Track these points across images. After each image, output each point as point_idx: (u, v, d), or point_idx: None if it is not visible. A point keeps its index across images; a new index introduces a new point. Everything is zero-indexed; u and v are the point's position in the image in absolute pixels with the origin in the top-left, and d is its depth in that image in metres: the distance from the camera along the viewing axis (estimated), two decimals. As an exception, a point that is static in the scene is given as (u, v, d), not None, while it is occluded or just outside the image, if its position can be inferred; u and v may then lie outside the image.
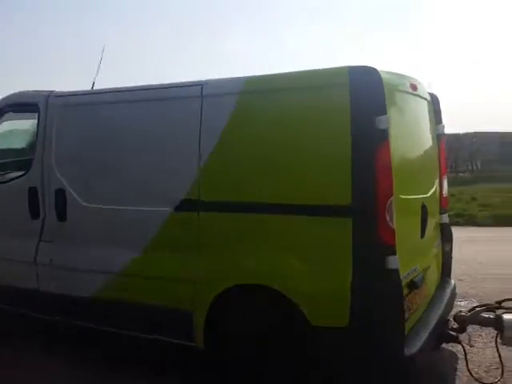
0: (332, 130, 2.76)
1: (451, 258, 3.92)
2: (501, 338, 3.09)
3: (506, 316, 3.07)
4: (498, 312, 3.14)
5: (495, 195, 10.91)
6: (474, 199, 10.76)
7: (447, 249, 3.86)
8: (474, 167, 36.36)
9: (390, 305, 2.61)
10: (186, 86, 3.29)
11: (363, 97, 2.68)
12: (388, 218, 2.59)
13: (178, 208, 3.15)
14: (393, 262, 2.60)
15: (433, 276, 3.55)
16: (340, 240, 2.69)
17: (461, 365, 3.45)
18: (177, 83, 3.36)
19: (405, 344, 2.65)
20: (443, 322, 3.23)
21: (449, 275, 3.90)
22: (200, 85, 3.17)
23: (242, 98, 3.04)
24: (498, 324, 3.09)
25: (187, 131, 3.16)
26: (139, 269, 3.27)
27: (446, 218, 3.88)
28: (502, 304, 3.17)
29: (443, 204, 3.85)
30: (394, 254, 2.61)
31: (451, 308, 3.54)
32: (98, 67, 4.30)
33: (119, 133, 3.49)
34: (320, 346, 2.71)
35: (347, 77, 2.72)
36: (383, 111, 2.64)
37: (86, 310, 3.52)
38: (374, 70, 2.71)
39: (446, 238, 3.85)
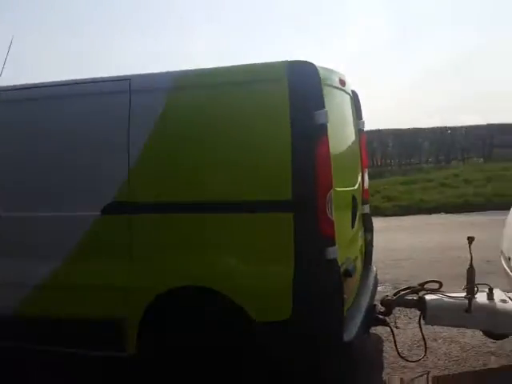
0: (271, 124, 2.77)
1: (372, 246, 4.16)
2: (423, 318, 3.34)
3: (428, 297, 3.33)
4: (421, 294, 3.39)
5: (397, 187, 11.81)
6: (377, 192, 11.53)
7: (369, 238, 4.09)
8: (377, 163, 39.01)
9: (331, 294, 2.69)
10: (113, 80, 3.10)
11: (302, 91, 2.72)
12: (328, 210, 2.67)
13: (104, 211, 2.96)
14: (333, 252, 2.68)
15: (359, 264, 3.74)
16: (281, 235, 2.71)
17: (386, 346, 3.69)
18: (103, 77, 3.14)
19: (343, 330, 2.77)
20: (371, 306, 3.42)
21: (370, 263, 4.14)
22: (128, 79, 3.01)
23: (173, 93, 2.94)
24: (420, 305, 3.33)
25: (115, 128, 2.99)
26: (61, 280, 3.03)
27: (367, 209, 4.10)
28: (425, 286, 3.42)
29: (365, 196, 4.07)
30: (334, 244, 2.70)
31: (375, 293, 3.77)
32: (5, 60, 3.93)
33: (40, 131, 3.20)
34: (263, 341, 2.72)
35: (285, 71, 2.74)
36: (322, 106, 2.71)
37: (5, 328, 3.19)
38: (312, 64, 2.77)
39: (368, 227, 4.07)
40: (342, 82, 3.42)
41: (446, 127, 19.66)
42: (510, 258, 3.68)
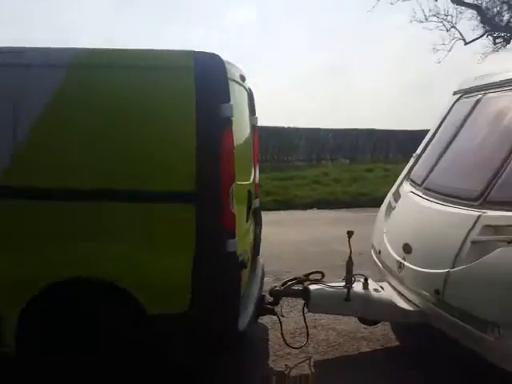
0: (175, 114, 2.72)
1: (260, 239, 4.32)
2: (307, 307, 3.57)
3: (312, 287, 3.56)
4: (305, 284, 3.61)
5: (275, 183, 12.32)
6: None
7: (258, 231, 4.24)
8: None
9: (230, 286, 2.74)
10: (5, 52, 2.77)
11: (208, 83, 2.72)
12: (230, 203, 2.71)
13: None
14: (233, 245, 2.73)
15: (250, 256, 3.85)
16: (182, 226, 2.68)
17: (271, 334, 3.87)
18: None
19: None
20: (261, 297, 3.55)
21: (258, 255, 4.29)
22: (22, 51, 2.73)
23: (71, 71, 2.74)
24: (305, 294, 3.55)
25: (2, 102, 2.69)
26: None
27: (257, 203, 4.24)
28: (309, 277, 3.65)
29: (256, 190, 4.19)
30: (235, 237, 2.74)
31: (263, 284, 3.91)
32: None
33: None
34: (161, 334, 2.67)
35: (192, 61, 2.71)
36: (227, 99, 2.73)
37: None
38: (218, 56, 2.77)
39: (258, 221, 4.21)
40: (242, 77, 3.48)
41: (318, 128, 21.03)
42: (380, 251, 4.10)
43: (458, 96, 4.45)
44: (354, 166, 17.90)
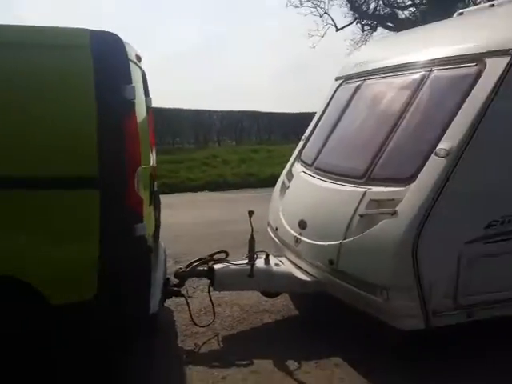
0: (72, 97, 2.60)
1: (160, 222, 4.30)
2: (213, 286, 3.67)
3: (216, 266, 3.67)
4: (210, 264, 3.71)
5: (165, 166, 12.12)
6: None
7: (158, 215, 4.21)
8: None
9: (140, 270, 2.72)
10: None
11: (108, 64, 2.64)
12: (136, 187, 2.68)
13: None
14: (142, 229, 2.71)
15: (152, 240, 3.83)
16: (86, 213, 2.60)
17: (177, 316, 3.92)
18: None
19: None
20: (166, 280, 3.57)
21: (159, 238, 4.27)
22: None
23: None
24: (210, 274, 3.65)
25: None
26: None
27: (155, 186, 4.21)
28: (214, 256, 3.76)
29: (154, 173, 4.15)
30: (143, 221, 2.73)
31: (166, 267, 3.93)
32: None
33: None
34: (69, 324, 2.59)
35: (88, 40, 2.60)
36: (129, 80, 2.67)
37: None
38: (117, 36, 2.69)
39: (157, 204, 4.19)
40: (138, 57, 3.40)
41: (204, 110, 21.07)
42: (276, 229, 4.35)
43: (339, 82, 4.83)
44: (240, 147, 18.30)
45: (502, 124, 3.06)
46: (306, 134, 4.90)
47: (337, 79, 4.93)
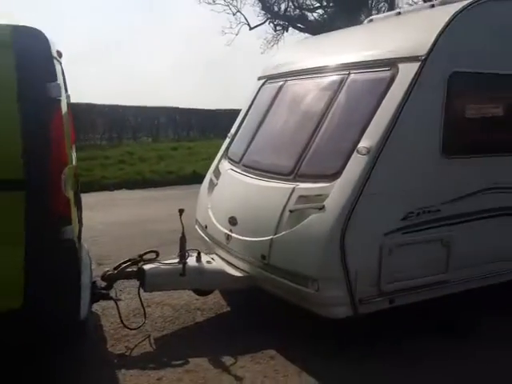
0: None
1: (82, 224, 4.11)
2: (143, 287, 3.59)
3: (146, 267, 3.60)
4: (140, 265, 3.62)
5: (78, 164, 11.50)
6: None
7: (80, 215, 4.03)
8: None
9: (69, 274, 2.61)
10: None
11: (31, 61, 2.50)
12: (63, 188, 2.56)
13: None
14: (70, 231, 2.60)
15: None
16: (10, 216, 2.44)
17: (104, 320, 3.78)
18: None
19: (78, 309, 2.73)
20: (93, 283, 3.43)
21: (81, 240, 4.09)
22: None
23: None
24: (140, 275, 3.57)
25: None
26: None
27: (77, 186, 4.01)
28: (144, 257, 3.67)
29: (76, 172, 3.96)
30: (71, 223, 2.61)
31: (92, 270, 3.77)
32: None
33: None
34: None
35: (10, 36, 2.45)
36: (54, 78, 2.55)
37: None
38: (41, 32, 2.55)
39: (79, 205, 4.00)
40: (59, 53, 3.24)
41: (118, 105, 20.27)
42: (206, 226, 4.35)
43: (262, 81, 4.94)
44: (157, 144, 17.90)
45: (413, 124, 3.32)
46: (232, 131, 4.94)
47: (259, 79, 5.02)
